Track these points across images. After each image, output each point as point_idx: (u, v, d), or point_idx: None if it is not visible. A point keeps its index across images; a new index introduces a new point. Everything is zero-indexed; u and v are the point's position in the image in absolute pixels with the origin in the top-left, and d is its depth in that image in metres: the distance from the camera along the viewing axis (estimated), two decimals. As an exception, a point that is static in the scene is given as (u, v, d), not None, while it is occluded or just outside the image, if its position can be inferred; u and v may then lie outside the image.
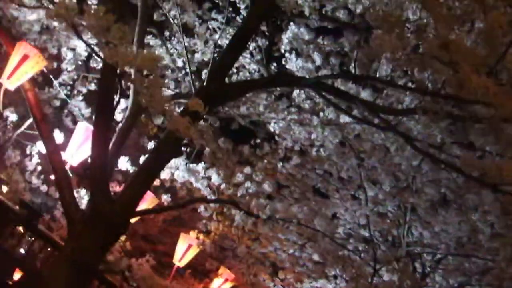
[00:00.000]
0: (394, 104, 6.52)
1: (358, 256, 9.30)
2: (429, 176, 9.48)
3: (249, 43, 7.65)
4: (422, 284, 10.04)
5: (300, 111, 7.78)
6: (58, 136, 7.21)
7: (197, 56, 7.65)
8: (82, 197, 7.90)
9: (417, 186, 9.66)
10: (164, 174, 7.83)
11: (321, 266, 9.75)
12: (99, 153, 5.25)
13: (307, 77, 6.97)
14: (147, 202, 8.01)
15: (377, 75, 6.78)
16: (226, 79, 6.44)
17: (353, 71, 6.46)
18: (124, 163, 7.64)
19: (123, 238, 7.90)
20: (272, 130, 7.90)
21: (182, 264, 8.61)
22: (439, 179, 9.44)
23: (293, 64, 7.10)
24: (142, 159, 7.51)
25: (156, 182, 7.90)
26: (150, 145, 8.23)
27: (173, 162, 7.60)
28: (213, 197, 7.52)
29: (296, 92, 7.54)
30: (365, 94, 6.99)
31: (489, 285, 10.13)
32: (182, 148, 7.43)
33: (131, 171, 7.96)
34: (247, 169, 8.04)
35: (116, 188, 8.87)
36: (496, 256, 9.71)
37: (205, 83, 5.62)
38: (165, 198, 8.04)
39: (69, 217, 5.33)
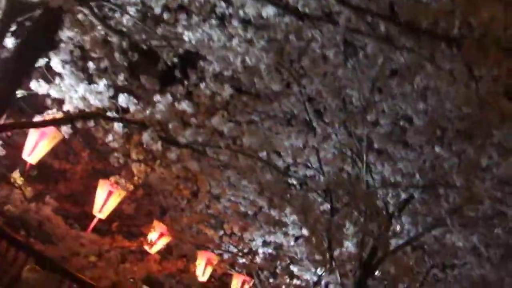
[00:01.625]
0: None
1: (307, 192, 8.19)
2: (384, 107, 8.57)
3: None
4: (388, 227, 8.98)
5: (220, 20, 6.80)
6: None
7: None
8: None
9: (371, 117, 8.67)
10: (70, 106, 6.64)
11: (269, 214, 8.66)
12: None
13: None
14: (49, 137, 6.87)
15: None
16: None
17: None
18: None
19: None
20: (191, 45, 6.84)
21: (103, 215, 7.45)
22: (395, 110, 8.55)
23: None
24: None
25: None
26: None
27: (74, 85, 6.42)
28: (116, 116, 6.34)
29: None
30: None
31: (462, 225, 9.12)
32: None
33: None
34: (167, 98, 6.95)
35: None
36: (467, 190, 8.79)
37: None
38: (65, 130, 6.80)
39: None
